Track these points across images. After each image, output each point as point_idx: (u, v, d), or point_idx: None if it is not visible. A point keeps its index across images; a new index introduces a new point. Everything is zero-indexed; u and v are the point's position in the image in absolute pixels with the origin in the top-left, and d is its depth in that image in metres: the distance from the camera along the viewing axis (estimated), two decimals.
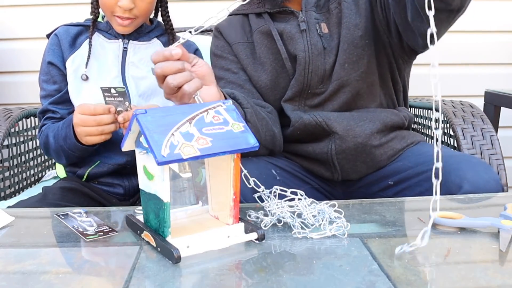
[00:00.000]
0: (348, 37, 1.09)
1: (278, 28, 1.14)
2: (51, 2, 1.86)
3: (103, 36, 1.22)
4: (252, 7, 1.19)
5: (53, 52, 1.22)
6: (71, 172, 1.25)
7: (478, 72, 1.96)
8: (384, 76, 1.16)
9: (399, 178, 1.06)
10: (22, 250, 0.69)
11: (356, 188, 1.14)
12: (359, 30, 1.09)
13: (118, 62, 1.21)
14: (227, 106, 0.72)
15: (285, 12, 1.14)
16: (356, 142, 1.08)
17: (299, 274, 0.60)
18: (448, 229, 0.74)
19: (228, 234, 0.70)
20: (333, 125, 1.09)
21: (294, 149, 1.17)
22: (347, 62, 1.09)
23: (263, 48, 1.15)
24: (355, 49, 1.09)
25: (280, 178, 1.07)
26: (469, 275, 0.59)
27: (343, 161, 1.10)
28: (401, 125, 1.16)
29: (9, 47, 1.89)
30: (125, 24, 1.16)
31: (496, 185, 0.94)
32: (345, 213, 0.77)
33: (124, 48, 1.21)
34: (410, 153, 1.11)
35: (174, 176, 0.76)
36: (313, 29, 1.11)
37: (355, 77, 1.10)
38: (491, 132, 1.21)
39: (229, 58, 1.20)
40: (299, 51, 1.11)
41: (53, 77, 1.22)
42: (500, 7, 1.91)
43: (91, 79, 1.19)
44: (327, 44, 1.11)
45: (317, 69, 1.11)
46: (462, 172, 0.95)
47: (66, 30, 1.23)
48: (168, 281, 0.59)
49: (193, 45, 1.32)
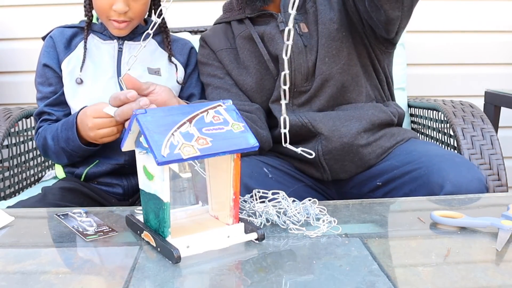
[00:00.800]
0: (325, 31, 1.11)
1: (258, 31, 1.16)
2: (51, 2, 1.85)
3: (98, 37, 1.23)
4: (233, 14, 1.21)
5: (48, 54, 1.22)
6: (70, 172, 1.25)
7: (478, 72, 1.96)
8: (366, 67, 1.17)
9: (387, 179, 1.06)
10: (22, 250, 0.69)
11: (348, 189, 1.14)
12: (335, 23, 1.11)
13: (113, 62, 1.21)
14: (227, 106, 0.72)
15: (264, 16, 1.16)
16: (342, 142, 1.08)
17: (299, 274, 0.60)
18: (448, 228, 0.74)
19: (228, 234, 0.70)
20: (319, 126, 1.09)
21: (284, 149, 1.17)
22: (327, 56, 1.11)
23: (246, 52, 1.18)
24: (333, 42, 1.11)
25: (272, 176, 1.07)
26: (469, 275, 0.59)
27: (331, 161, 1.10)
28: (389, 122, 1.15)
29: (9, 47, 1.89)
30: (122, 27, 1.16)
31: (479, 185, 0.93)
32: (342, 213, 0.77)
33: (119, 49, 1.21)
34: (399, 151, 1.10)
35: (174, 176, 0.76)
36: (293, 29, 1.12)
37: (337, 69, 1.11)
38: (491, 132, 1.21)
39: (214, 64, 1.22)
40: (280, 51, 1.12)
41: (48, 79, 1.22)
42: (500, 7, 1.91)
43: (86, 82, 1.19)
44: (308, 42, 1.12)
45: (300, 67, 1.12)
46: (444, 172, 0.94)
47: (61, 32, 1.23)
48: (168, 281, 0.59)
49: (188, 43, 1.32)
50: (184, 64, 1.29)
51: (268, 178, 1.06)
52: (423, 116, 1.53)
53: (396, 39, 1.18)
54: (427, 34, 1.92)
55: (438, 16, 1.91)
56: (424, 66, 1.95)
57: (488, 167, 1.15)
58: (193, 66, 1.31)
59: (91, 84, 1.19)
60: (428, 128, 1.48)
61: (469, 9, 1.91)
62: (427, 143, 1.14)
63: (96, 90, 1.18)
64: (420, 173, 0.98)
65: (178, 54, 1.29)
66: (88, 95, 1.18)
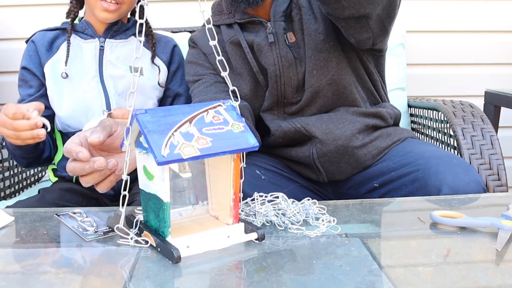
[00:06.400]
0: (311, 43, 1.08)
1: (247, 40, 1.12)
2: (51, 2, 1.85)
3: (79, 37, 1.22)
4: (223, 17, 1.17)
5: (30, 58, 1.21)
6: (61, 176, 1.25)
7: (478, 72, 1.96)
8: (358, 71, 1.14)
9: (384, 180, 1.06)
10: (22, 250, 0.69)
11: (345, 190, 1.14)
12: (320, 34, 1.08)
13: (95, 61, 1.20)
14: (227, 106, 0.72)
15: (254, 23, 1.12)
16: (336, 145, 1.08)
17: (299, 274, 0.60)
18: (448, 228, 0.74)
19: (228, 234, 0.70)
20: (312, 130, 1.08)
21: (279, 153, 1.17)
22: (315, 68, 1.08)
23: (238, 58, 1.14)
24: (320, 54, 1.08)
25: (266, 177, 1.07)
26: (469, 275, 0.59)
27: (326, 164, 1.10)
28: (384, 125, 1.15)
29: (9, 47, 1.89)
30: (111, 8, 1.13)
31: (477, 187, 0.93)
32: (342, 213, 0.77)
33: (100, 47, 1.20)
34: (396, 152, 1.10)
35: (174, 176, 0.76)
36: (282, 40, 1.10)
37: (326, 81, 1.09)
38: (491, 132, 1.21)
39: (205, 65, 1.18)
40: (269, 65, 1.10)
41: (27, 82, 1.21)
42: (500, 7, 1.91)
43: (71, 78, 1.18)
44: (297, 54, 1.10)
45: (290, 80, 1.10)
46: (441, 175, 0.94)
47: (43, 35, 1.23)
48: (168, 281, 0.59)
49: (171, 41, 1.31)
50: (167, 62, 1.27)
51: (262, 180, 1.06)
52: (423, 116, 1.53)
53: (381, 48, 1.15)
54: (427, 34, 1.92)
55: (438, 16, 1.91)
56: (424, 66, 1.95)
57: (488, 167, 1.15)
58: (177, 64, 1.28)
59: (74, 83, 1.18)
60: (428, 128, 1.48)
61: (469, 9, 1.91)
62: (424, 143, 1.14)
63: (79, 89, 1.18)
64: (417, 176, 0.98)
65: (160, 53, 1.27)
66: (71, 93, 1.17)
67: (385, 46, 1.17)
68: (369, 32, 1.01)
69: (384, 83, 1.24)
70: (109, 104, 1.17)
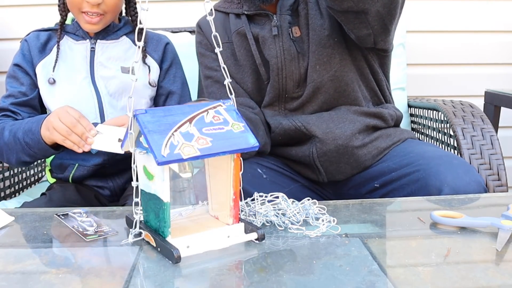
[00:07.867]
0: (315, 38, 1.08)
1: (253, 32, 1.13)
2: (51, 2, 1.85)
3: (71, 39, 1.21)
4: (232, 6, 1.18)
5: (23, 56, 1.20)
6: (58, 178, 1.25)
7: (478, 72, 1.96)
8: (362, 69, 1.14)
9: (384, 181, 1.05)
10: (22, 250, 0.69)
11: (346, 190, 1.14)
12: (325, 30, 1.08)
13: (86, 63, 1.19)
14: (227, 106, 0.72)
15: (261, 15, 1.13)
16: (336, 144, 1.07)
17: (299, 274, 0.60)
18: (448, 228, 0.74)
19: (228, 234, 0.70)
20: (312, 128, 1.08)
21: (279, 152, 1.17)
22: (318, 63, 1.08)
23: (242, 50, 1.15)
24: (324, 50, 1.08)
25: (267, 176, 1.07)
26: (469, 275, 0.59)
27: (326, 163, 1.10)
28: (385, 125, 1.14)
29: (9, 47, 1.88)
30: (94, 21, 1.13)
31: (478, 187, 0.93)
32: (343, 213, 0.77)
33: (91, 48, 1.19)
34: (396, 153, 1.09)
35: (174, 176, 0.76)
36: (286, 33, 1.10)
37: (328, 77, 1.09)
38: (491, 132, 1.20)
39: (212, 56, 1.19)
40: (271, 57, 1.10)
41: (19, 79, 1.20)
42: (500, 7, 1.91)
43: (59, 82, 1.17)
44: (300, 48, 1.10)
45: (292, 74, 1.10)
46: (442, 176, 0.94)
47: (36, 36, 1.22)
48: (168, 281, 0.59)
49: (163, 39, 1.29)
50: (159, 60, 1.25)
51: (263, 179, 1.06)
52: (423, 116, 1.53)
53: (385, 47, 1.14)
54: (427, 34, 1.92)
55: (438, 16, 1.91)
56: (424, 66, 1.95)
57: (488, 167, 1.15)
58: (169, 62, 1.27)
59: (66, 85, 1.17)
60: (428, 128, 1.48)
61: (469, 9, 1.91)
62: (424, 144, 1.14)
63: (70, 91, 1.17)
64: (418, 176, 0.98)
65: (152, 51, 1.25)
66: (63, 95, 1.16)
67: (390, 46, 1.16)
68: (369, 28, 1.01)
69: (389, 84, 1.24)
70: (101, 105, 1.17)
